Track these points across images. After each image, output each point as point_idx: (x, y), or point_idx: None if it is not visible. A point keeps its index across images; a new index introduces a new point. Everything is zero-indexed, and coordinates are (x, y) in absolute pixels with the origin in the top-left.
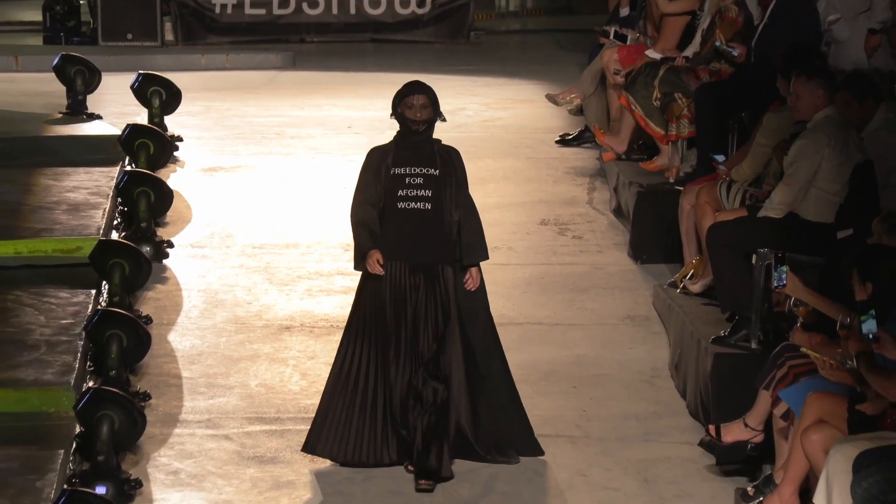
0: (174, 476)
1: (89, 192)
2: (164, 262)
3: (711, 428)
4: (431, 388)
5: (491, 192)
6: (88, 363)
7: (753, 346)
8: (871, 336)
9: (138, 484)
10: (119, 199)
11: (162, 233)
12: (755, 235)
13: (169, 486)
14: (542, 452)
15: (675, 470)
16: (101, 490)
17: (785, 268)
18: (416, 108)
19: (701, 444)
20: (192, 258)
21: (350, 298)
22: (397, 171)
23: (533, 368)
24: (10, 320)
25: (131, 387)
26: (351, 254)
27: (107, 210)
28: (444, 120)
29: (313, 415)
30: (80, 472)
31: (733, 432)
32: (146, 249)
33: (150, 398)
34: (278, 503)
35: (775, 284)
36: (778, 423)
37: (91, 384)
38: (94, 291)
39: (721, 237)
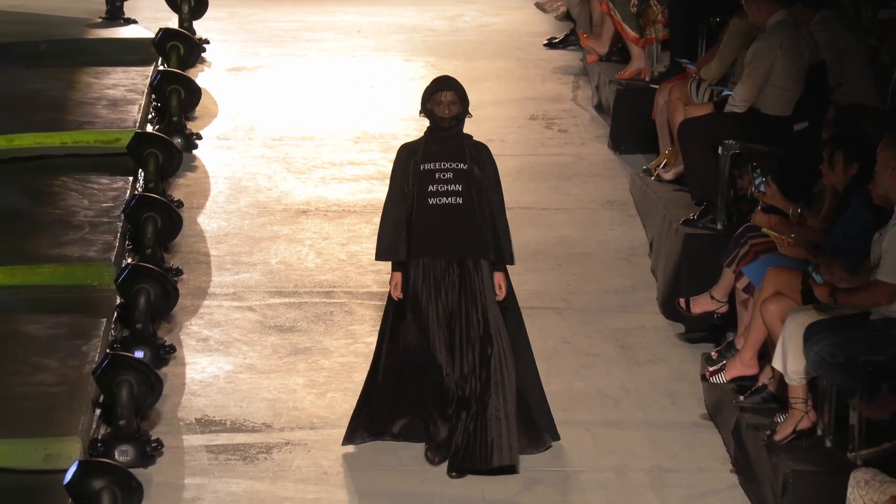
0: (204, 342)
1: (126, 89)
2: (194, 152)
3: (681, 300)
4: (470, 384)
5: (485, 91)
6: (127, 242)
7: (719, 227)
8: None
9: (172, 349)
10: (153, 96)
11: (192, 126)
12: (721, 129)
13: (199, 351)
14: (558, 437)
15: (648, 337)
16: (139, 354)
17: (765, 177)
18: (445, 105)
19: (670, 315)
20: (218, 149)
21: (359, 186)
22: (427, 166)
23: (523, 248)
24: (57, 203)
25: (165, 263)
26: (361, 146)
27: (142, 105)
28: (471, 116)
29: (328, 290)
30: (120, 338)
31: (701, 304)
32: (177, 141)
33: (182, 273)
34: (296, 367)
35: (756, 192)
36: (740, 296)
37: (130, 261)
38: (131, 178)
39: (691, 131)
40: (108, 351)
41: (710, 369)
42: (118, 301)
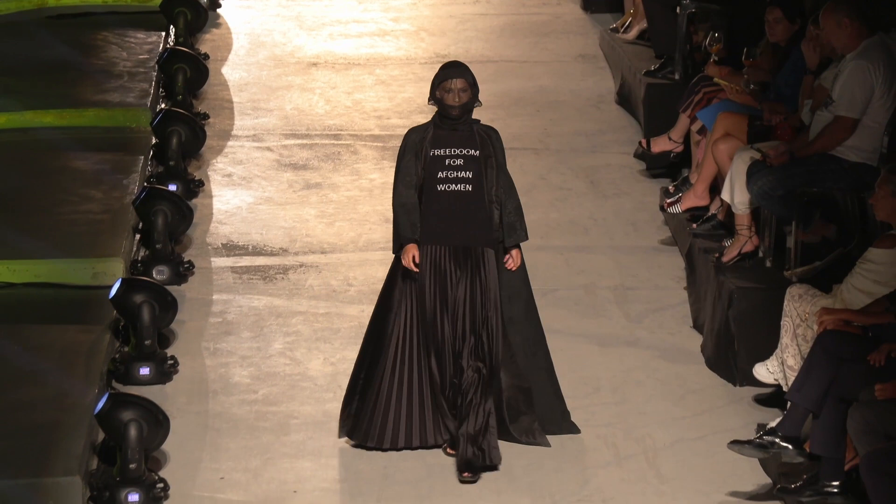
0: (228, 178)
1: None
2: (218, 11)
3: (643, 141)
4: (475, 374)
5: None
6: (161, 89)
7: (676, 77)
8: None
9: (201, 183)
10: None
11: None
12: None
13: (224, 185)
14: (577, 430)
15: (614, 174)
16: (172, 187)
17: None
18: (455, 92)
19: (635, 154)
20: (239, 8)
21: (362, 42)
22: (437, 152)
23: (505, 96)
24: (99, 55)
25: (194, 108)
26: (364, 6)
27: None
28: (480, 104)
29: (335, 132)
30: (156, 173)
31: (660, 144)
32: (204, 1)
33: (208, 117)
34: (308, 199)
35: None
36: (694, 137)
37: (163, 106)
38: (163, 33)
39: None
40: (145, 184)
41: (668, 201)
42: (153, 141)
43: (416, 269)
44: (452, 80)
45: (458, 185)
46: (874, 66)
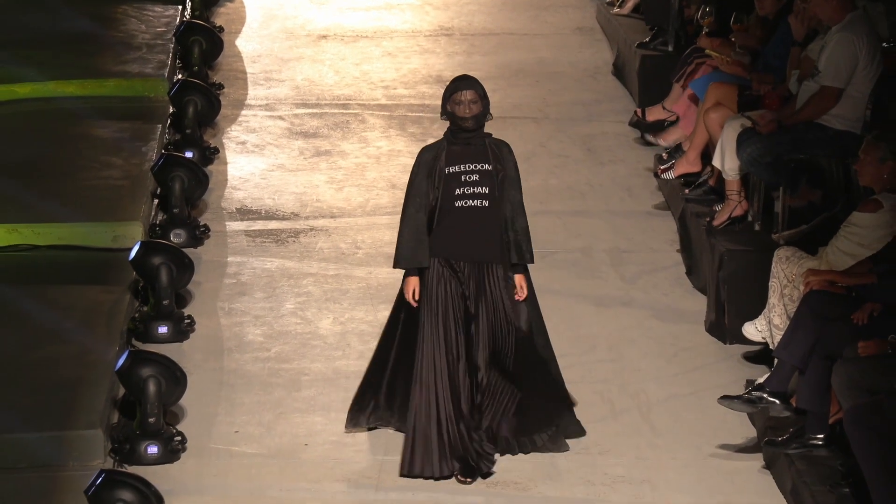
0: (242, 145)
1: None
2: None
3: (638, 110)
4: (490, 386)
5: None
6: (177, 61)
7: (670, 48)
8: None
9: (216, 150)
10: None
11: None
12: None
13: (239, 152)
14: (584, 433)
15: (610, 142)
16: (189, 154)
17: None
18: (466, 105)
19: (630, 123)
20: None
21: (370, 15)
22: (452, 169)
23: (506, 68)
24: (119, 28)
25: (209, 79)
26: None
27: None
28: (491, 117)
29: (344, 102)
30: (173, 141)
31: (654, 113)
32: None
33: (223, 87)
34: (318, 166)
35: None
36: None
37: (180, 76)
38: (180, 6)
39: None
40: (163, 151)
41: (662, 167)
42: (171, 110)
43: (414, 304)
44: (462, 91)
45: (475, 201)
46: (858, 39)
